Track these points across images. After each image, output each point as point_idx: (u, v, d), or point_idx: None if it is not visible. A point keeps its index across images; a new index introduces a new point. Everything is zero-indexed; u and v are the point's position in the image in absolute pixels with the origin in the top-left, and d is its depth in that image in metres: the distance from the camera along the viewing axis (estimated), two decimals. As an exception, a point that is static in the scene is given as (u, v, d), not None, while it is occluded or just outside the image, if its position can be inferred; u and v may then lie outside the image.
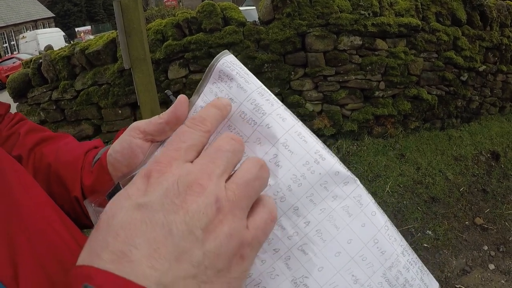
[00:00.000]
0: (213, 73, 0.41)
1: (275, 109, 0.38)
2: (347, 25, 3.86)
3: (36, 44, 21.73)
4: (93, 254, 0.26)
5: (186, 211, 0.27)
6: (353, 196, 0.36)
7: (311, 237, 0.36)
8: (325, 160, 0.36)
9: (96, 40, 4.09)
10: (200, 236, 0.27)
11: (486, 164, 4.09)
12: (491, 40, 4.59)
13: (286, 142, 0.36)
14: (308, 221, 0.36)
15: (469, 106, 4.79)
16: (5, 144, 0.57)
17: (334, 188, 0.36)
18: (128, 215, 0.27)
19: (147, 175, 0.29)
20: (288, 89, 4.05)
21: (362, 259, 0.36)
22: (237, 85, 0.39)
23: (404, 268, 0.37)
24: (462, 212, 3.45)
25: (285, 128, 0.37)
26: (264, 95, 0.39)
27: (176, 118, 0.42)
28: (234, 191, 0.30)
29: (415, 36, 4.14)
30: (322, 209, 0.36)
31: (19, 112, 0.65)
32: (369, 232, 0.36)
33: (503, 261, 2.99)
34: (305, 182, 0.36)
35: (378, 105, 4.19)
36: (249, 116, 0.38)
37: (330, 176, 0.36)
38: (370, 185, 3.63)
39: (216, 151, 0.31)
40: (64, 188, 0.54)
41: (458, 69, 4.45)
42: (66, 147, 0.59)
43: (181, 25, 3.85)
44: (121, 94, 3.93)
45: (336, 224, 0.36)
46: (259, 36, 3.86)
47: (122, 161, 0.46)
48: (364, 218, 0.36)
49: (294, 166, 0.36)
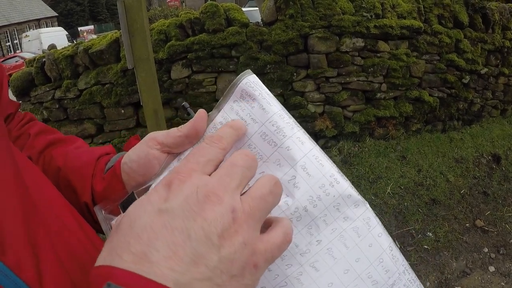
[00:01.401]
0: (235, 91, 0.42)
1: (295, 132, 0.39)
2: (349, 27, 3.87)
3: (39, 43, 21.71)
4: (113, 254, 0.28)
5: (204, 218, 0.29)
6: (362, 218, 0.39)
7: (323, 255, 0.38)
8: (339, 184, 0.38)
9: (99, 40, 4.10)
10: (216, 242, 0.28)
11: (487, 167, 4.09)
12: (493, 42, 4.59)
13: (304, 165, 0.38)
14: (320, 239, 0.38)
15: (470, 108, 4.79)
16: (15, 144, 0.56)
17: (345, 210, 0.38)
18: (150, 219, 0.29)
19: (168, 184, 0.31)
20: (290, 90, 4.06)
21: (368, 276, 0.38)
22: (259, 106, 0.41)
23: (405, 286, 0.40)
24: (463, 214, 3.45)
25: (304, 152, 0.39)
26: (284, 118, 0.40)
27: (196, 132, 0.43)
28: (249, 203, 0.31)
29: (417, 38, 4.15)
30: (333, 229, 0.38)
31: (29, 112, 0.65)
32: (375, 252, 0.39)
33: (503, 264, 2.99)
34: (320, 203, 0.38)
35: (380, 107, 4.20)
36: (270, 137, 0.39)
37: (342, 198, 0.38)
38: (371, 186, 3.63)
39: (231, 166, 0.33)
40: (74, 193, 0.54)
41: (460, 72, 4.45)
42: (77, 151, 0.59)
43: (184, 26, 3.87)
44: (124, 93, 3.94)
45: (346, 243, 0.38)
46: (261, 37, 3.87)
47: (138, 170, 0.47)
48: (372, 239, 0.39)
49: (311, 188, 0.38)
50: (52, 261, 0.35)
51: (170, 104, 4.01)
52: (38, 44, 21.68)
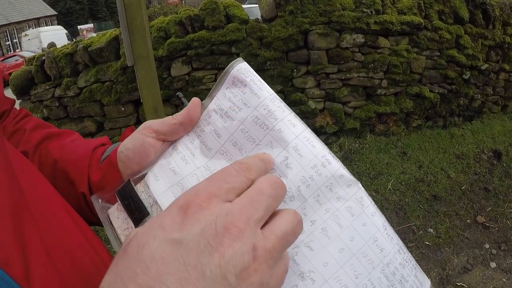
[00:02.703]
0: (227, 78, 0.43)
1: (286, 115, 0.40)
2: (349, 23, 3.86)
3: (38, 42, 21.69)
4: (119, 282, 0.26)
5: (222, 255, 0.26)
6: (355, 197, 0.39)
7: (317, 235, 0.38)
8: (331, 164, 0.38)
9: (99, 38, 4.09)
10: (233, 283, 0.26)
11: (488, 163, 4.09)
12: (494, 38, 4.58)
13: (296, 146, 0.39)
14: (314, 219, 0.38)
15: (471, 104, 4.79)
16: (10, 140, 0.57)
17: (338, 190, 0.38)
18: (161, 248, 0.27)
19: (184, 208, 0.29)
20: (290, 87, 4.06)
21: (363, 255, 0.38)
22: (251, 91, 0.41)
23: (401, 265, 0.39)
24: (464, 210, 3.45)
25: (296, 133, 0.39)
26: (275, 102, 0.41)
27: (190, 119, 0.44)
28: (272, 241, 0.29)
29: (418, 34, 4.14)
30: (327, 209, 0.38)
31: (24, 108, 0.65)
32: (369, 231, 0.39)
33: (505, 260, 2.98)
34: (313, 183, 0.38)
35: (381, 103, 4.19)
36: (262, 121, 0.40)
37: (335, 178, 0.38)
38: (372, 182, 3.63)
39: (258, 194, 0.31)
40: (71, 184, 0.54)
41: (460, 68, 4.44)
42: (73, 143, 0.59)
43: (184, 23, 3.86)
44: (124, 91, 3.94)
45: (340, 223, 0.38)
46: (261, 34, 3.86)
47: (134, 158, 0.47)
48: (365, 218, 0.39)
49: (303, 168, 0.38)
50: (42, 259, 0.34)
51: (170, 101, 4.00)
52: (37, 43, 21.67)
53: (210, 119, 0.44)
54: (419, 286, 0.40)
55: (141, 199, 0.42)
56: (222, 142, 0.42)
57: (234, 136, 0.42)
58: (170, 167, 0.43)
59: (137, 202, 0.42)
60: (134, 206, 0.42)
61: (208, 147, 0.43)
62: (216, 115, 0.43)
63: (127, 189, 0.43)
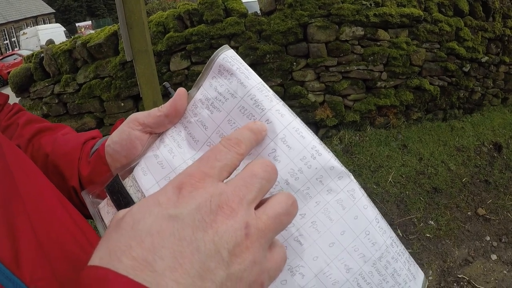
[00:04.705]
0: (213, 67, 0.42)
1: (274, 105, 0.39)
2: (349, 15, 3.84)
3: (37, 40, 21.68)
4: (112, 256, 0.25)
5: (215, 231, 0.27)
6: (346, 190, 0.38)
7: (307, 229, 0.37)
8: (321, 156, 0.37)
9: (97, 33, 4.08)
10: (226, 258, 0.27)
11: (488, 155, 4.09)
12: (494, 31, 4.56)
13: (284, 138, 0.37)
14: (304, 213, 0.37)
15: (471, 97, 4.78)
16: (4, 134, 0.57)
17: (329, 182, 0.37)
18: (157, 223, 0.26)
19: (179, 187, 0.29)
20: (290, 80, 4.05)
21: (354, 249, 0.37)
22: (237, 80, 0.40)
23: (393, 259, 0.39)
24: (465, 203, 3.45)
25: (284, 124, 0.38)
26: (263, 91, 0.40)
27: (176, 111, 0.43)
28: (264, 221, 0.30)
29: (417, 27, 4.12)
30: (317, 202, 0.37)
31: (17, 103, 0.66)
32: (361, 224, 0.38)
33: (505, 252, 2.99)
34: (302, 176, 0.37)
35: (380, 96, 4.18)
36: (249, 111, 0.39)
37: (325, 170, 0.37)
38: (372, 175, 3.63)
39: (250, 176, 0.31)
40: (62, 178, 0.54)
41: (460, 60, 4.43)
42: (64, 137, 0.60)
43: (183, 17, 3.85)
44: (123, 86, 3.93)
45: (330, 216, 0.37)
46: (260, 27, 3.85)
47: (121, 151, 0.47)
48: (357, 211, 0.38)
49: (291, 161, 0.37)
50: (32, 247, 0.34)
51: (170, 96, 3.99)
52: (36, 41, 21.67)
53: (197, 110, 0.43)
54: (411, 280, 0.40)
55: (130, 194, 0.42)
56: (209, 134, 0.42)
57: (220, 128, 0.41)
58: (157, 160, 0.43)
59: (126, 197, 0.42)
60: (123, 201, 0.42)
61: (195, 139, 0.42)
62: (203, 105, 0.43)
63: (115, 184, 0.43)
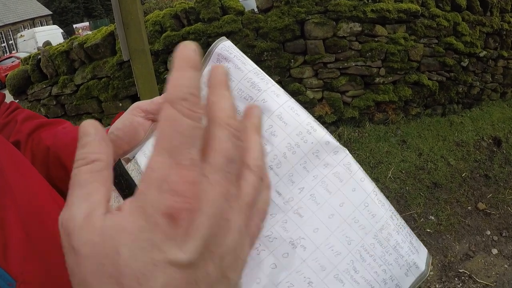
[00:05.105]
0: (211, 57, 0.44)
1: (269, 86, 0.41)
2: (346, 11, 3.83)
3: (34, 42, 21.65)
4: None
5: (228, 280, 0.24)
6: (343, 163, 0.39)
7: (306, 201, 0.38)
8: (316, 131, 0.39)
9: (94, 34, 4.07)
10: None
11: (488, 150, 4.08)
12: (492, 25, 4.56)
13: (280, 115, 0.39)
14: (302, 187, 0.38)
15: (470, 92, 4.77)
16: (2, 132, 0.58)
17: (325, 157, 0.39)
18: (169, 277, 0.21)
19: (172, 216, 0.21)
20: (288, 77, 4.04)
21: (354, 221, 0.38)
22: (234, 66, 0.42)
23: (394, 231, 0.39)
24: (465, 198, 3.45)
25: (279, 103, 0.40)
26: (259, 74, 0.42)
27: None
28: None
29: (415, 22, 4.11)
30: (315, 176, 0.38)
31: (14, 101, 0.67)
32: (359, 196, 0.38)
33: (506, 246, 2.99)
34: (298, 150, 0.38)
35: (379, 92, 4.17)
36: (246, 93, 0.41)
37: (321, 145, 0.39)
38: (372, 171, 3.62)
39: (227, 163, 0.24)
40: (64, 169, 0.55)
41: (458, 55, 4.43)
42: (65, 130, 0.60)
43: (179, 16, 3.84)
44: (121, 86, 3.92)
45: (328, 188, 0.38)
46: (258, 25, 3.84)
47: (124, 138, 0.47)
48: (354, 184, 0.39)
49: (288, 135, 0.39)
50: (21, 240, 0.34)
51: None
52: (33, 43, 21.63)
53: None
54: (414, 253, 0.40)
55: (131, 177, 0.43)
56: None
57: None
58: None
59: (127, 180, 0.43)
60: (124, 183, 0.43)
61: None
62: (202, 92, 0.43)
63: (117, 168, 0.44)
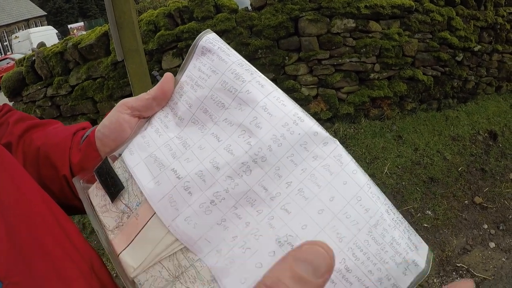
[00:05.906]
0: (196, 50, 0.44)
1: (254, 77, 0.40)
2: (339, 8, 3.83)
3: (29, 43, 21.55)
4: None
5: None
6: (333, 155, 0.36)
7: (293, 196, 0.35)
8: (303, 122, 0.37)
9: (88, 34, 4.06)
10: None
11: (484, 144, 4.09)
12: (486, 19, 4.56)
13: (265, 106, 0.38)
14: (290, 181, 0.36)
15: (465, 86, 4.78)
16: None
17: (314, 149, 0.36)
18: None
19: None
20: (282, 74, 4.03)
21: (346, 216, 0.35)
22: (218, 57, 0.42)
23: (390, 226, 0.36)
24: (461, 192, 3.46)
25: (264, 94, 0.39)
26: (243, 65, 0.41)
27: (163, 93, 0.44)
28: None
29: (409, 17, 4.11)
30: (303, 169, 0.36)
31: (7, 104, 0.66)
32: (351, 190, 0.36)
33: (503, 239, 3.00)
34: (285, 142, 0.36)
35: (374, 87, 4.17)
36: (230, 84, 0.40)
37: (309, 136, 0.36)
38: (368, 167, 3.63)
39: None
40: (53, 169, 0.55)
41: (453, 49, 4.43)
42: (55, 130, 0.60)
43: (173, 15, 3.82)
44: (116, 86, 3.91)
45: (317, 182, 0.35)
46: (251, 22, 3.83)
47: (110, 135, 0.48)
48: (346, 176, 0.36)
49: (273, 127, 0.37)
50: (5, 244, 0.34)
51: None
52: (28, 44, 21.54)
53: (183, 91, 0.44)
54: (413, 250, 0.37)
55: (117, 174, 0.42)
56: (193, 111, 0.42)
57: (204, 104, 0.42)
58: (144, 140, 0.43)
59: (113, 178, 0.42)
60: (110, 181, 0.42)
61: (181, 118, 0.43)
62: (187, 86, 0.44)
63: (104, 166, 0.43)
